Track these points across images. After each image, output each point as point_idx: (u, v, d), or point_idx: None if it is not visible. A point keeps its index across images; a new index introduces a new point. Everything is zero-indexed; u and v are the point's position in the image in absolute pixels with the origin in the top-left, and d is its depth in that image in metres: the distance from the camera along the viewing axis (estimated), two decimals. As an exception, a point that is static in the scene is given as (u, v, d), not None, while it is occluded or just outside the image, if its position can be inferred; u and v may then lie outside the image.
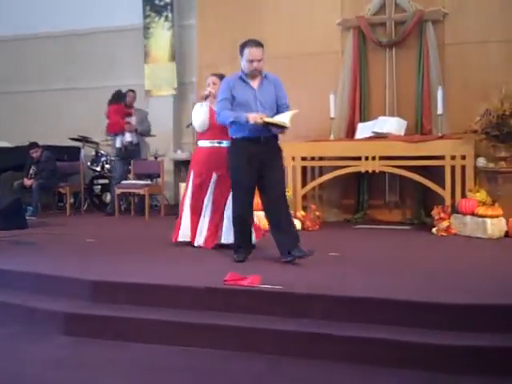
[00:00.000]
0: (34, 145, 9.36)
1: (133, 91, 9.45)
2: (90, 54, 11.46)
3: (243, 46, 5.01)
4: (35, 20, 11.50)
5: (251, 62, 4.95)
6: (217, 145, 5.77)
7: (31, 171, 9.07)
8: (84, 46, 11.50)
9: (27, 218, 8.03)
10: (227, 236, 5.72)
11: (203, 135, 5.86)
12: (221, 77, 5.72)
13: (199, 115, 5.82)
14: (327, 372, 3.46)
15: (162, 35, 11.00)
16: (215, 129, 5.66)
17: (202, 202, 5.86)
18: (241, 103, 5.00)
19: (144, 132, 9.40)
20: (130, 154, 9.14)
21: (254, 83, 5.05)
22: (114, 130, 9.23)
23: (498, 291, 4.02)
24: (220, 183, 5.76)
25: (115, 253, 5.81)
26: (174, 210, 9.15)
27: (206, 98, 5.85)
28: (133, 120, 9.26)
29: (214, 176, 5.78)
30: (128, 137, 9.10)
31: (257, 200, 7.17)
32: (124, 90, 9.44)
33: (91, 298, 4.47)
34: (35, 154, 9.27)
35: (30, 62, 11.86)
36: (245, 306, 4.07)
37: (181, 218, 5.97)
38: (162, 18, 10.98)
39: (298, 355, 3.63)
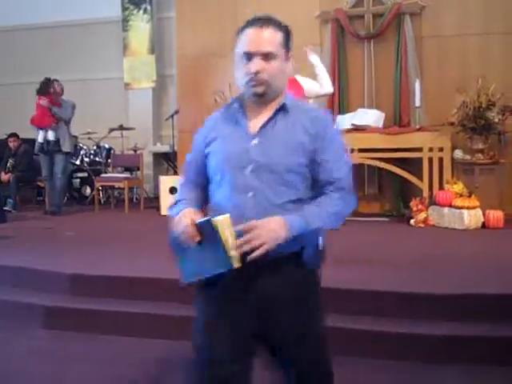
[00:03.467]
0: (13, 135, 9.32)
1: (57, 81, 8.95)
2: (68, 46, 11.34)
3: (238, 33, 2.29)
4: (11, 12, 11.36)
5: (248, 59, 2.18)
6: None
7: (8, 164, 9.01)
8: (62, 38, 11.37)
9: (6, 210, 7.98)
10: None
11: None
12: None
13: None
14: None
15: (140, 28, 10.95)
16: None
17: None
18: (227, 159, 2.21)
19: (62, 115, 8.76)
20: (51, 148, 8.63)
21: (255, 120, 2.21)
22: (39, 125, 8.67)
23: (478, 281, 4.08)
24: None
25: (95, 246, 5.81)
26: (154, 202, 9.16)
27: None
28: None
29: None
30: (50, 135, 8.56)
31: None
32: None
33: (70, 292, 4.49)
34: (13, 143, 9.21)
35: (5, 53, 11.72)
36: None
37: None
38: (141, 11, 10.93)
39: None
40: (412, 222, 6.66)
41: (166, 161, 10.44)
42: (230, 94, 7.75)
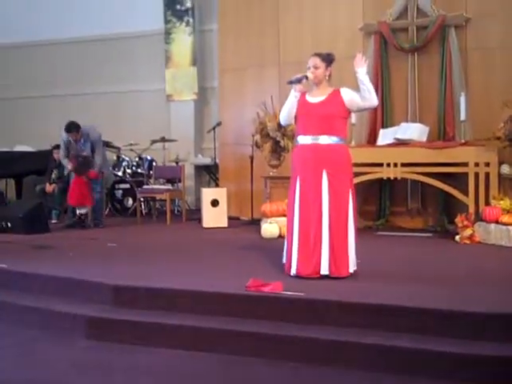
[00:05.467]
0: (57, 146, 9.42)
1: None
2: (111, 58, 11.52)
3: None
4: (56, 25, 11.58)
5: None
6: (311, 142, 4.76)
7: (53, 175, 9.12)
8: (105, 50, 11.55)
9: (52, 222, 8.09)
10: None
11: (300, 130, 4.89)
12: (327, 57, 4.86)
13: (284, 105, 4.96)
14: (351, 380, 3.43)
15: (183, 40, 11.04)
16: (309, 122, 4.78)
17: (315, 216, 4.68)
18: None
19: (105, 168, 8.66)
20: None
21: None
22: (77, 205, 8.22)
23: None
24: (334, 188, 4.69)
25: (137, 257, 5.83)
26: (195, 214, 9.19)
27: (298, 81, 4.81)
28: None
29: (325, 176, 4.69)
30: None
31: (276, 206, 7.25)
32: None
33: (113, 303, 4.49)
34: (57, 154, 9.32)
35: (50, 67, 11.93)
36: (267, 312, 4.06)
37: (290, 244, 4.80)
38: (183, 23, 11.02)
39: (322, 362, 3.61)
40: (457, 238, 6.53)
41: (208, 173, 10.48)
42: (272, 105, 7.76)
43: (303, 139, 4.80)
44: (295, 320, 3.94)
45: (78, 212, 8.19)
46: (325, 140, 4.70)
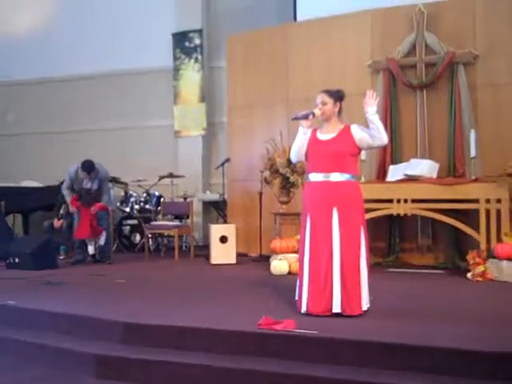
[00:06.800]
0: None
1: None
2: (120, 94, 11.60)
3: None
4: (64, 62, 11.68)
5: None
6: (322, 179, 4.73)
7: (61, 211, 9.11)
8: (114, 86, 11.63)
9: (60, 258, 8.07)
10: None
11: (311, 167, 4.86)
12: (335, 93, 4.87)
13: (294, 142, 4.95)
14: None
15: (191, 77, 11.11)
16: (320, 159, 4.75)
17: (326, 254, 4.64)
18: None
19: (111, 204, 8.76)
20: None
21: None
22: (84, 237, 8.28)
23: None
24: (345, 225, 4.67)
25: (146, 294, 5.78)
26: (203, 250, 9.14)
27: (305, 117, 4.80)
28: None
29: (335, 213, 4.67)
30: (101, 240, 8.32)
31: (286, 243, 7.21)
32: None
33: (123, 340, 4.43)
34: None
35: (57, 103, 12.01)
36: (279, 350, 3.99)
37: (301, 282, 4.76)
38: (192, 60, 11.10)
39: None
40: (469, 275, 6.46)
41: (216, 209, 10.45)
42: (281, 141, 7.77)
43: (314, 176, 4.77)
44: (309, 359, 3.87)
45: (90, 249, 8.23)
46: (336, 177, 4.68)
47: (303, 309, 4.63)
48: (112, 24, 11.46)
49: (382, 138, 4.76)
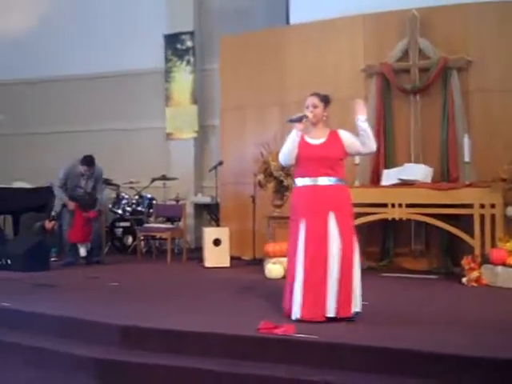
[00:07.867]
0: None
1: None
2: (112, 96, 11.53)
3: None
4: (57, 63, 11.59)
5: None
6: (310, 183, 4.74)
7: (53, 212, 9.05)
8: (105, 88, 11.57)
9: (51, 259, 8.03)
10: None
11: (300, 172, 4.87)
12: (324, 98, 4.89)
13: (285, 145, 4.89)
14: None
15: (183, 79, 11.09)
16: (311, 163, 4.74)
17: (321, 258, 4.62)
18: None
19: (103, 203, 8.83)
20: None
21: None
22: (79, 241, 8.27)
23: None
24: (341, 229, 4.64)
25: (140, 297, 5.76)
26: (195, 253, 9.11)
27: (299, 120, 4.77)
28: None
29: (332, 217, 4.65)
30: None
31: (279, 247, 7.20)
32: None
33: (120, 344, 4.41)
34: None
35: (47, 104, 11.93)
36: (280, 355, 3.98)
37: (292, 288, 4.71)
38: (184, 62, 11.08)
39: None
40: (464, 280, 6.47)
41: (208, 212, 10.42)
42: (275, 145, 7.76)
43: (302, 181, 4.78)
44: (310, 363, 3.87)
45: (81, 252, 8.18)
46: (324, 181, 4.69)
47: (296, 315, 4.58)
48: (103, 26, 11.39)
49: (371, 145, 4.82)
